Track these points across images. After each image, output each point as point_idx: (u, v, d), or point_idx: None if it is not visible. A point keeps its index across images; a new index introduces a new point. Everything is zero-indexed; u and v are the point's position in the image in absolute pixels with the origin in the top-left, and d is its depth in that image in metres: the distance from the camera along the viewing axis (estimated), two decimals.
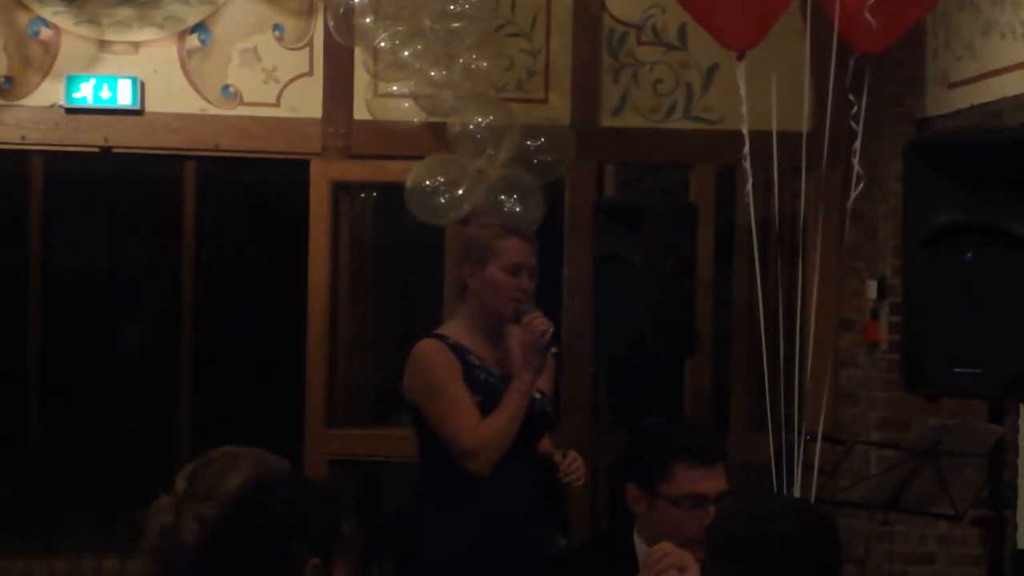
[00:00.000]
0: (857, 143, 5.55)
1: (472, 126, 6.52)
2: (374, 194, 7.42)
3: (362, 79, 6.93)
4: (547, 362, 4.64)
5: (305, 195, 7.03)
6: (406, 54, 6.50)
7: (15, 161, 7.06)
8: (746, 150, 5.50)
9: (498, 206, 6.48)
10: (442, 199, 6.57)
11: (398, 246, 7.64)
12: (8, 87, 6.91)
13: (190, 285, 7.21)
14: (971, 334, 4.45)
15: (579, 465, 4.70)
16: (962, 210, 4.49)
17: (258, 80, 7.03)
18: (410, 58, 6.50)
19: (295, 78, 7.04)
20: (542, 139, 6.69)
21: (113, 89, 6.91)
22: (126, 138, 6.97)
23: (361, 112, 6.94)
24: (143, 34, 6.97)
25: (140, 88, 6.94)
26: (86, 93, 6.90)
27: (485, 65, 6.60)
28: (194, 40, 7.01)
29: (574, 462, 4.70)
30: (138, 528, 2.73)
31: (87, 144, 6.98)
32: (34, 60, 6.93)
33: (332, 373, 7.09)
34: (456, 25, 6.42)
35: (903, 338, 4.90)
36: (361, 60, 6.85)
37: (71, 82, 6.90)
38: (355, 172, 7.08)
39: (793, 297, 6.64)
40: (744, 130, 5.51)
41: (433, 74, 6.52)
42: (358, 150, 7.01)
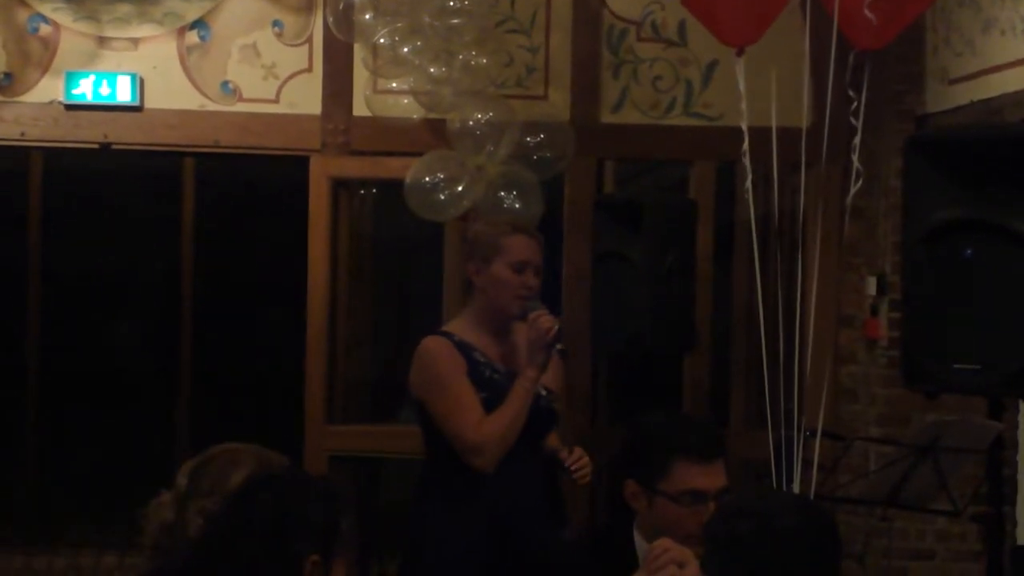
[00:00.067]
0: (857, 139, 5.54)
1: (472, 122, 6.52)
2: (373, 190, 7.42)
3: (361, 75, 6.92)
4: (553, 359, 4.64)
5: (304, 191, 7.03)
6: (405, 50, 6.50)
7: (14, 157, 7.07)
8: (745, 146, 5.50)
9: (497, 202, 6.48)
10: (441, 195, 6.56)
11: (397, 242, 7.64)
12: (7, 83, 6.91)
13: (189, 281, 7.22)
14: (970, 330, 4.45)
15: (586, 462, 4.70)
16: (962, 206, 4.48)
17: (257, 76, 7.03)
18: (409, 54, 6.49)
19: (294, 74, 7.04)
20: (542, 135, 6.69)
21: (112, 85, 6.90)
22: (125, 134, 6.97)
23: (360, 108, 6.94)
24: (142, 30, 6.96)
25: (139, 84, 6.93)
26: (85, 89, 6.90)
27: (485, 61, 6.60)
28: (193, 36, 7.00)
29: (580, 459, 4.69)
30: (137, 524, 2.74)
31: (86, 140, 6.97)
32: (33, 56, 6.93)
33: (332, 369, 7.09)
34: (455, 21, 6.42)
35: (902, 334, 4.89)
36: (360, 56, 6.85)
37: (70, 78, 6.90)
38: (354, 168, 7.08)
39: (793, 293, 6.63)
40: (743, 126, 5.51)
41: (432, 70, 6.51)
42: (357, 146, 7.01)
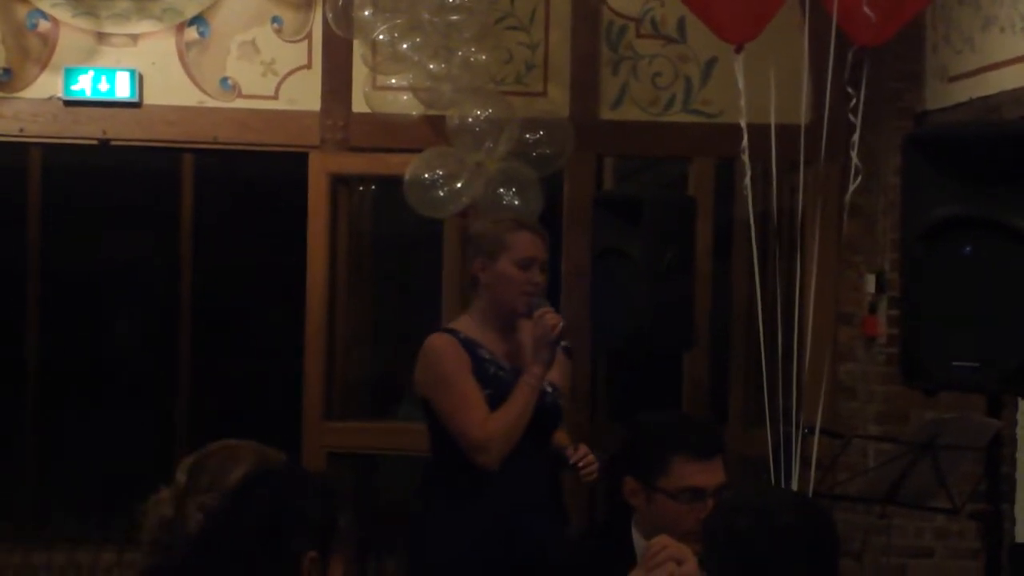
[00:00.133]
0: (855, 136, 5.55)
1: (471, 119, 6.51)
2: (372, 187, 7.41)
3: (361, 72, 6.92)
4: (559, 356, 4.63)
5: (303, 188, 7.03)
6: (405, 47, 6.50)
7: (13, 153, 7.06)
8: (744, 143, 5.50)
9: (497, 199, 6.48)
10: (441, 192, 6.56)
11: (396, 239, 7.63)
12: (6, 79, 6.90)
13: (188, 277, 7.21)
14: (969, 328, 4.44)
15: (592, 459, 4.69)
16: (961, 204, 4.48)
17: (256, 73, 7.03)
18: (409, 51, 6.49)
19: (294, 71, 7.04)
20: (541, 132, 6.68)
21: (111, 81, 6.90)
22: (124, 130, 6.97)
23: (360, 105, 6.94)
24: (141, 26, 6.96)
25: (138, 80, 6.93)
26: (84, 85, 6.89)
27: (484, 58, 6.59)
28: (192, 32, 7.00)
29: (586, 456, 4.68)
30: (136, 520, 2.74)
31: (85, 136, 6.98)
32: (32, 52, 6.93)
33: (330, 366, 7.09)
34: (455, 18, 6.41)
35: (901, 332, 4.89)
36: (360, 53, 6.85)
37: (69, 74, 6.90)
38: (353, 165, 7.08)
39: (791, 291, 6.62)
40: (742, 123, 5.51)
41: (432, 67, 6.51)
42: (356, 143, 7.01)
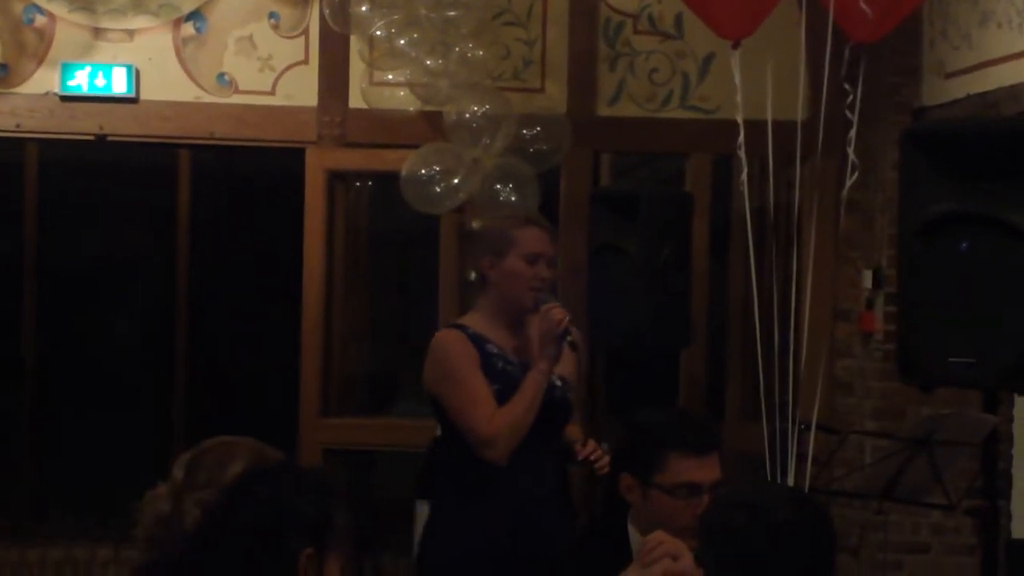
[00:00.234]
0: (852, 132, 5.54)
1: (468, 115, 6.51)
2: (369, 183, 7.41)
3: (358, 67, 6.92)
4: (566, 351, 4.61)
5: (300, 184, 7.03)
6: (402, 42, 6.50)
7: (10, 149, 7.06)
8: (741, 139, 5.50)
9: (494, 195, 6.48)
10: (438, 188, 6.56)
11: (393, 235, 7.62)
12: (3, 75, 6.90)
13: (185, 273, 7.21)
14: (966, 324, 4.44)
15: (600, 453, 4.68)
16: (958, 200, 4.48)
17: (253, 68, 7.02)
18: (406, 47, 6.49)
19: (290, 66, 7.03)
20: (538, 128, 6.69)
21: (108, 77, 6.90)
22: (121, 126, 6.97)
23: (357, 101, 6.93)
24: (138, 22, 6.96)
25: (135, 76, 6.93)
26: (81, 81, 6.89)
27: (481, 54, 6.59)
28: (189, 28, 7.00)
29: (595, 451, 4.68)
30: (132, 517, 2.73)
31: (82, 132, 6.97)
32: (29, 47, 6.92)
33: (327, 362, 7.09)
34: (452, 13, 6.41)
35: (898, 328, 4.89)
36: (357, 48, 6.85)
37: (66, 70, 6.89)
38: (350, 161, 7.07)
39: (788, 287, 6.61)
40: (739, 119, 5.50)
41: (429, 63, 6.51)
42: (353, 139, 7.00)
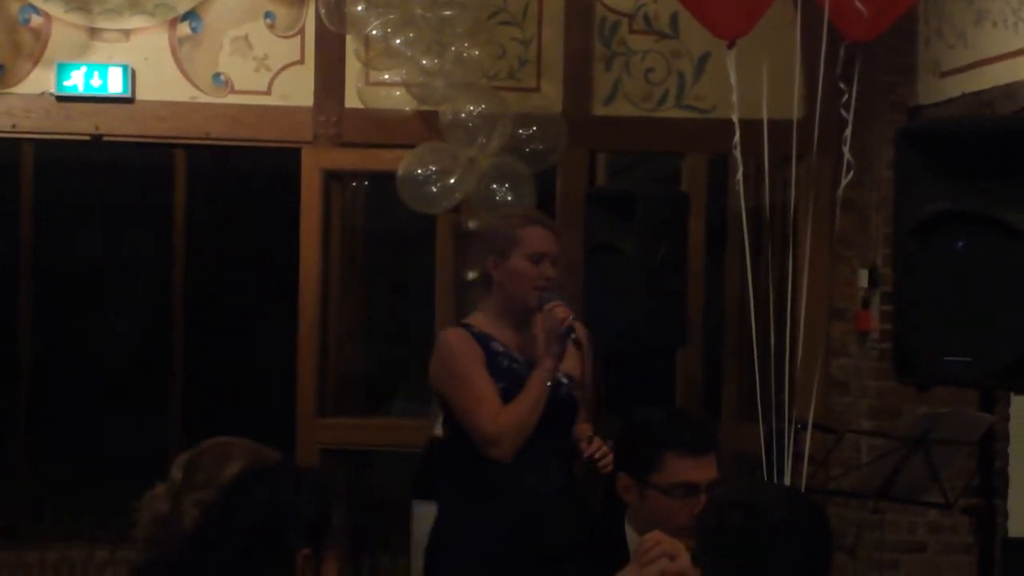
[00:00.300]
0: (848, 131, 5.55)
1: (464, 114, 6.52)
2: (365, 183, 7.41)
3: (353, 67, 6.92)
4: (570, 349, 4.61)
5: (296, 184, 7.03)
6: (398, 42, 6.49)
7: (6, 149, 7.05)
8: (737, 139, 5.50)
9: (490, 195, 6.48)
10: (434, 188, 6.56)
11: (389, 235, 7.63)
12: None
13: (181, 274, 7.21)
14: (962, 322, 4.44)
15: (605, 451, 4.68)
16: (953, 198, 4.47)
17: (249, 68, 7.02)
18: (402, 46, 6.49)
19: (286, 66, 7.03)
20: (534, 128, 6.69)
21: (104, 77, 6.89)
22: (117, 126, 6.96)
23: (352, 100, 6.93)
24: (134, 22, 6.95)
25: (131, 76, 6.92)
26: (77, 81, 6.89)
27: (477, 53, 6.59)
28: (185, 28, 6.99)
29: (600, 448, 4.68)
30: (130, 517, 2.73)
31: (78, 132, 6.97)
32: (24, 48, 6.91)
33: (323, 362, 7.09)
34: (448, 13, 6.41)
35: (894, 327, 4.89)
36: (352, 48, 6.85)
37: (62, 70, 6.89)
38: (346, 161, 7.07)
39: (784, 286, 6.64)
40: (735, 119, 5.50)
41: (425, 62, 6.51)
42: (349, 138, 7.00)
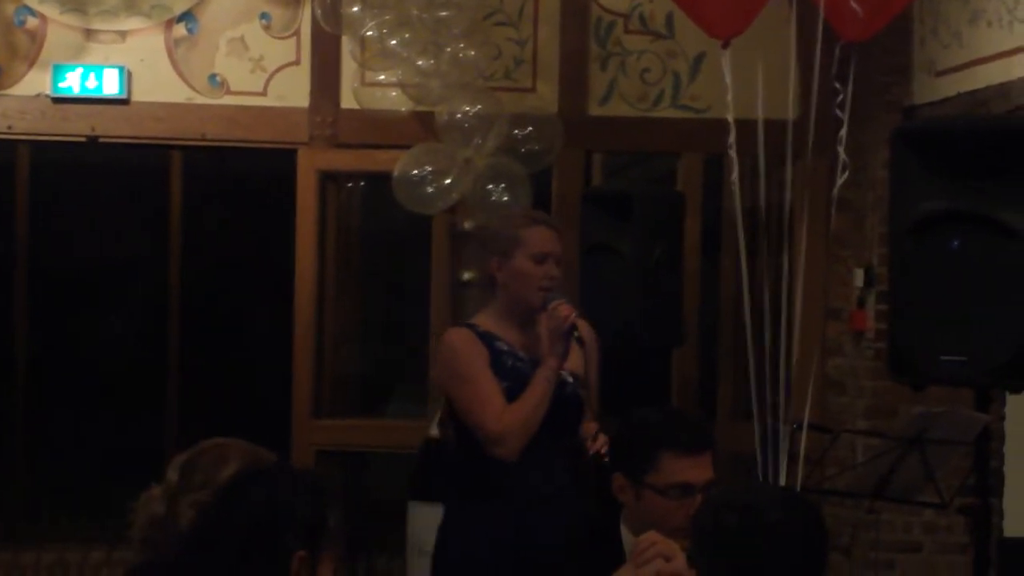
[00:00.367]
0: (843, 131, 5.55)
1: (460, 115, 6.52)
2: (361, 183, 7.41)
3: (349, 68, 6.92)
4: (573, 347, 4.60)
5: (292, 184, 7.03)
6: (393, 43, 6.49)
7: (2, 151, 7.06)
8: (732, 139, 5.51)
9: (486, 195, 6.48)
10: (429, 188, 6.56)
11: (385, 235, 7.63)
12: None
13: (177, 275, 7.21)
14: (957, 322, 4.45)
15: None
16: (949, 198, 4.48)
17: (245, 69, 7.02)
18: (397, 47, 6.49)
19: (282, 67, 7.03)
20: (530, 128, 6.69)
21: (99, 78, 6.89)
22: (113, 127, 6.96)
23: (348, 101, 6.93)
24: (130, 23, 6.95)
25: (127, 77, 6.92)
26: (72, 82, 6.89)
27: (473, 54, 6.59)
28: (181, 29, 6.99)
29: (605, 444, 4.68)
30: (126, 519, 2.73)
31: (74, 133, 6.97)
32: (20, 49, 6.91)
33: (319, 363, 7.09)
34: (444, 14, 6.41)
35: (889, 326, 4.90)
36: (348, 49, 6.84)
37: (57, 71, 6.89)
38: (342, 161, 7.07)
39: (780, 286, 6.63)
40: (730, 119, 5.51)
41: (420, 63, 6.51)
42: (345, 139, 7.00)
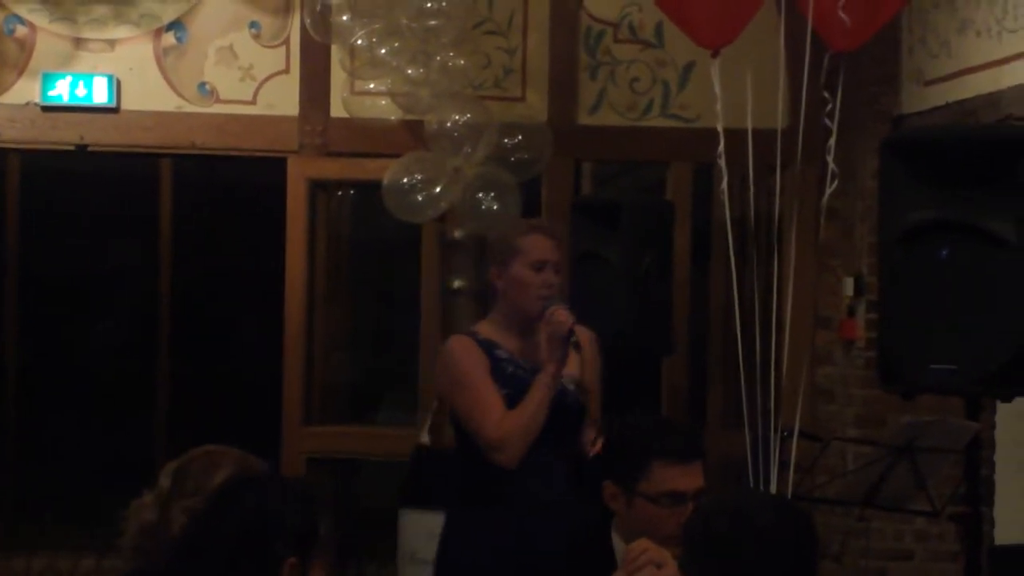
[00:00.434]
0: (832, 140, 5.57)
1: (449, 124, 6.52)
2: (351, 192, 7.42)
3: (339, 77, 6.92)
4: (571, 353, 4.61)
5: (282, 193, 7.02)
6: (383, 52, 6.50)
7: None
8: (721, 148, 5.52)
9: (475, 204, 6.48)
10: (419, 197, 6.56)
11: (375, 244, 7.63)
12: None
13: (167, 282, 7.21)
14: (947, 331, 4.45)
15: None
16: (938, 207, 4.49)
17: (234, 78, 7.02)
18: (387, 56, 6.50)
19: (272, 76, 7.03)
20: (519, 137, 6.69)
21: (89, 87, 6.89)
22: (102, 136, 6.96)
23: (338, 110, 6.94)
24: (119, 32, 6.95)
25: (116, 86, 6.92)
26: (62, 91, 6.88)
27: (462, 63, 6.60)
28: (170, 38, 6.99)
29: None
30: (116, 526, 2.73)
31: (63, 142, 6.96)
32: (9, 58, 6.91)
33: (309, 371, 7.09)
34: (433, 23, 6.42)
35: (879, 335, 4.91)
36: (338, 58, 6.85)
37: (47, 80, 6.88)
38: (332, 170, 7.08)
39: (769, 294, 6.65)
40: (719, 128, 5.52)
41: (410, 72, 6.51)
42: (335, 148, 7.01)
